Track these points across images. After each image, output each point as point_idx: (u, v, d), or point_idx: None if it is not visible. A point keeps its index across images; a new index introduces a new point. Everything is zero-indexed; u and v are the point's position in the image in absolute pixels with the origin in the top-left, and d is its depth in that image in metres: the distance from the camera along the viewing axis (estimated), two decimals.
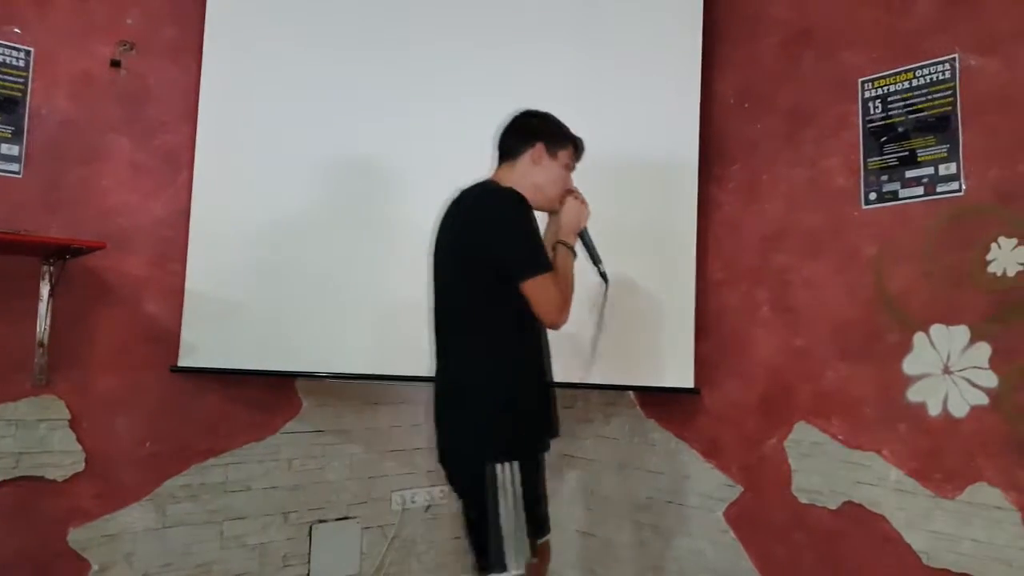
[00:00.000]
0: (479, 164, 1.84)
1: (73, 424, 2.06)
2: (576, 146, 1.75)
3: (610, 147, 2.32)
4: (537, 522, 1.62)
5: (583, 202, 1.75)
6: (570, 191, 1.75)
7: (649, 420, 2.51)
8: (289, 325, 2.23)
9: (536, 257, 1.56)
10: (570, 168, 1.75)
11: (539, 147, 1.70)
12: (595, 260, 1.80)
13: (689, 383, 2.28)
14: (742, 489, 2.23)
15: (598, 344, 1.89)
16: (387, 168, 2.28)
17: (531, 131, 1.72)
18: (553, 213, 1.76)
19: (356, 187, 2.31)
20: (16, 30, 2.04)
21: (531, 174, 1.70)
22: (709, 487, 2.31)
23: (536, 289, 1.54)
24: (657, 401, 2.49)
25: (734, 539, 2.23)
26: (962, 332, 1.80)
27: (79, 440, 2.07)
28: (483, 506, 1.50)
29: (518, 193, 1.60)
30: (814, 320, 2.10)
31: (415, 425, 2.72)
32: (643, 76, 2.33)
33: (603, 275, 1.82)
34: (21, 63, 2.04)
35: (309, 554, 2.44)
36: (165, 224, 2.24)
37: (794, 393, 2.12)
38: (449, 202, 1.69)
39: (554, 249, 1.67)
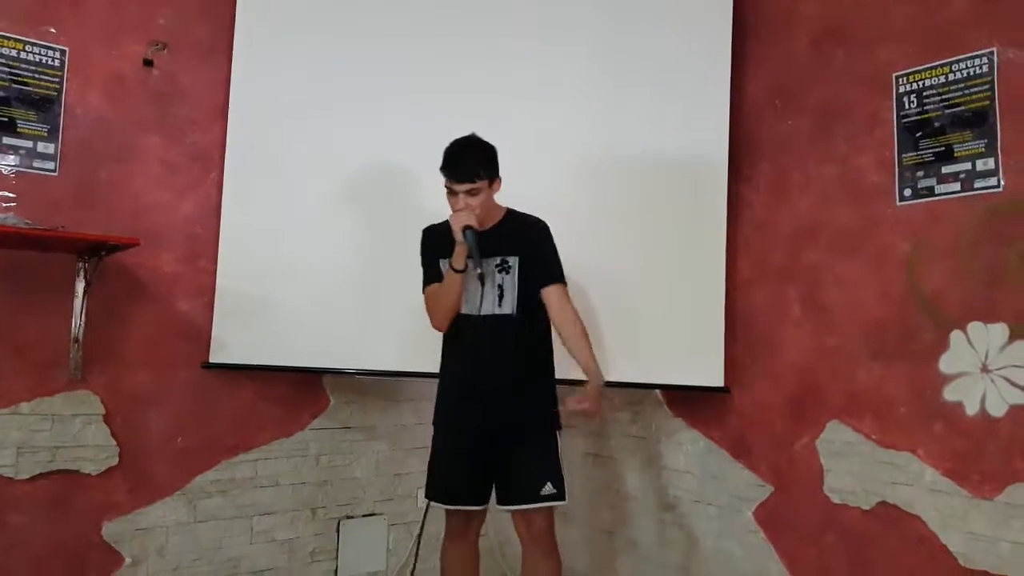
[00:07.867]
0: (506, 165, 1.85)
1: (107, 419, 2.09)
2: (445, 171, 1.81)
3: (639, 146, 2.32)
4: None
5: (456, 218, 1.81)
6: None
7: (676, 419, 2.49)
8: (317, 323, 2.24)
9: (423, 277, 1.97)
10: (453, 191, 1.82)
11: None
12: (475, 263, 1.81)
13: (719, 382, 2.27)
14: (772, 489, 2.21)
15: None
16: (417, 167, 2.28)
17: None
18: None
19: (385, 186, 2.32)
20: (51, 30, 2.06)
21: None
22: (738, 487, 2.29)
23: None
24: (685, 400, 2.47)
25: (764, 539, 2.21)
26: (1001, 330, 1.77)
27: (113, 435, 2.10)
28: None
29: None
30: (846, 319, 2.07)
31: None
32: (672, 74, 2.32)
33: (479, 276, 1.80)
34: (56, 63, 2.07)
35: (337, 550, 2.46)
36: (196, 222, 2.27)
37: (826, 392, 2.10)
38: None
39: None
